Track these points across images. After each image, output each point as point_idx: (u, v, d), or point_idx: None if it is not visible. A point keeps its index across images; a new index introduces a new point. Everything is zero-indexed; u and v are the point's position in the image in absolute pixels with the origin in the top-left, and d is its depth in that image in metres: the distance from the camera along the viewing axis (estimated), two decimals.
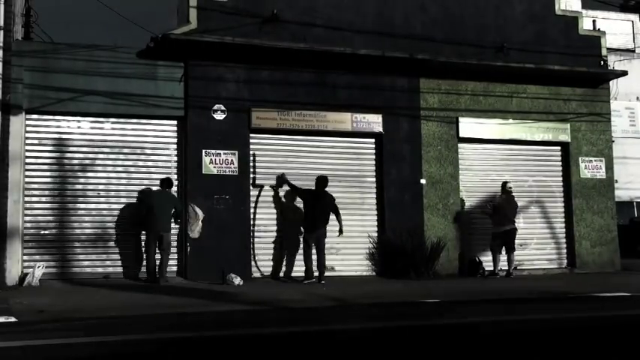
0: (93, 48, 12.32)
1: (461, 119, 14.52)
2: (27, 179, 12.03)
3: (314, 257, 12.60)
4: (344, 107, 13.66)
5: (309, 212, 12.70)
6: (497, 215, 13.93)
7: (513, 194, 14.15)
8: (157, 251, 12.05)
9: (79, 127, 12.44)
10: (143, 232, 12.23)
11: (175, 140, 12.89)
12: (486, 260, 14.12)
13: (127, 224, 12.34)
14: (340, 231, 12.76)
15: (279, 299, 10.23)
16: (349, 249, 13.60)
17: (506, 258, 13.93)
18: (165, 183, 12.27)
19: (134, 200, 12.47)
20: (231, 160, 12.84)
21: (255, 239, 13.05)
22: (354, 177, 13.88)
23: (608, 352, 6.17)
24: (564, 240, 15.24)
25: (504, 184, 14.17)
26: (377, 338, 6.84)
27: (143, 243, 12.25)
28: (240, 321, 8.28)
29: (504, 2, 15.08)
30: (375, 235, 13.80)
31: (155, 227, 11.98)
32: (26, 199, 11.98)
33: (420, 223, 13.89)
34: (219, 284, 11.75)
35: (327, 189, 12.82)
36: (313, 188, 12.88)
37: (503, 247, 13.92)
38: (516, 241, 14.00)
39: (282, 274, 13.10)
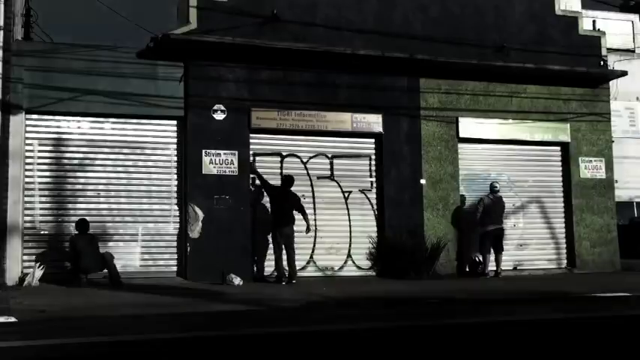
0: (93, 48, 12.31)
1: (461, 119, 14.52)
2: (27, 179, 12.03)
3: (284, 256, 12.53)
4: (344, 107, 13.66)
5: (275, 210, 12.61)
6: (485, 216, 13.90)
7: (501, 195, 14.14)
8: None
9: (78, 127, 12.45)
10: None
11: (175, 140, 12.89)
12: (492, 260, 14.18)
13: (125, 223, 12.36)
14: (308, 229, 12.67)
15: (278, 299, 10.23)
16: (348, 249, 13.62)
17: (494, 258, 13.88)
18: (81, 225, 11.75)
19: (134, 200, 12.50)
20: (231, 160, 12.84)
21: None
22: (354, 177, 13.90)
23: (608, 352, 6.17)
24: (564, 240, 15.24)
25: (492, 184, 14.15)
26: (374, 339, 6.84)
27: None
28: (238, 321, 8.28)
29: (504, 2, 15.08)
30: (375, 235, 13.81)
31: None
32: (26, 199, 11.98)
33: (420, 223, 13.90)
34: (219, 284, 11.74)
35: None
36: (279, 185, 12.83)
37: (492, 248, 13.87)
38: (517, 242, 14.01)
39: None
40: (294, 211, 12.63)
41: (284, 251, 12.49)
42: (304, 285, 12.13)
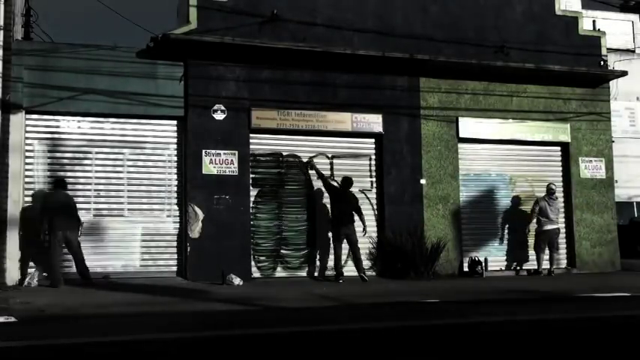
0: (93, 47, 12.32)
1: (461, 119, 14.52)
2: (27, 179, 12.02)
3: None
4: (344, 107, 13.66)
5: (335, 210, 12.95)
6: (541, 216, 14.35)
7: (557, 196, 14.63)
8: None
9: (78, 127, 12.44)
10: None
11: (175, 140, 12.89)
12: (492, 260, 14.31)
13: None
14: (364, 230, 12.95)
15: (277, 299, 10.23)
16: (348, 249, 13.61)
17: (548, 257, 14.38)
18: (60, 184, 11.69)
19: (134, 199, 12.49)
20: (231, 160, 12.84)
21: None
22: (354, 177, 13.87)
23: (608, 352, 6.17)
24: (564, 240, 15.24)
25: (548, 185, 14.55)
26: (372, 339, 6.84)
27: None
28: (240, 321, 8.28)
29: (504, 2, 15.08)
30: (375, 235, 13.80)
31: (61, 228, 11.36)
32: (26, 199, 11.98)
33: (420, 223, 13.90)
34: (219, 284, 11.75)
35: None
36: (337, 186, 13.23)
37: (547, 247, 14.40)
38: (517, 242, 14.18)
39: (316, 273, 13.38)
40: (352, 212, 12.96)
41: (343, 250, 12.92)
42: (305, 284, 12.15)
